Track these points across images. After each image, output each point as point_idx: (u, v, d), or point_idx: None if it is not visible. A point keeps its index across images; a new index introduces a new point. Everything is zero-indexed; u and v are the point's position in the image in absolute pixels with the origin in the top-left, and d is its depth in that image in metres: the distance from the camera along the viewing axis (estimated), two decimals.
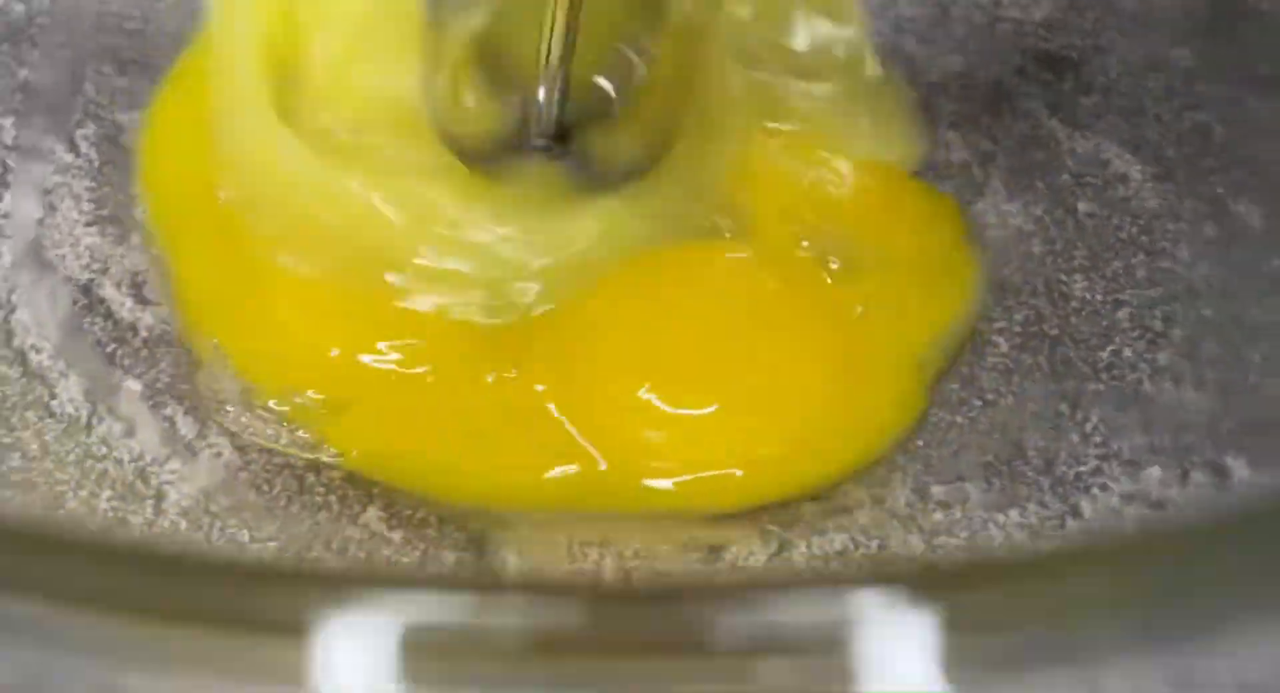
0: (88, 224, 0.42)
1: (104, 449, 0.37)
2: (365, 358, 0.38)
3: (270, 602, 0.18)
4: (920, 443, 0.39)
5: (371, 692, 0.17)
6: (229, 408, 0.38)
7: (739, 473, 0.38)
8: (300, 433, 0.37)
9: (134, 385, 0.39)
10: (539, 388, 0.38)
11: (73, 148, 0.44)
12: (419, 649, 0.17)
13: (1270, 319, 0.41)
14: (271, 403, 0.38)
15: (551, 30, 0.36)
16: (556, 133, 0.40)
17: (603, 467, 0.37)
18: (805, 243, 0.41)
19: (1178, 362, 0.40)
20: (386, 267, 0.39)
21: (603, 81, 0.41)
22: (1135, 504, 0.36)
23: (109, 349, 0.39)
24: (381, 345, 0.38)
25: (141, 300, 0.41)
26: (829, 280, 0.41)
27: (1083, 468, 0.38)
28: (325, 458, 0.37)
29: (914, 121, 0.45)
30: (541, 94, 0.39)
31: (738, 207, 0.41)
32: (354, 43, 0.41)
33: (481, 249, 0.39)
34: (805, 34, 0.44)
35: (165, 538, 0.34)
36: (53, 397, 0.38)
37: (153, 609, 0.18)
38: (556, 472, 0.37)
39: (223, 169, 0.40)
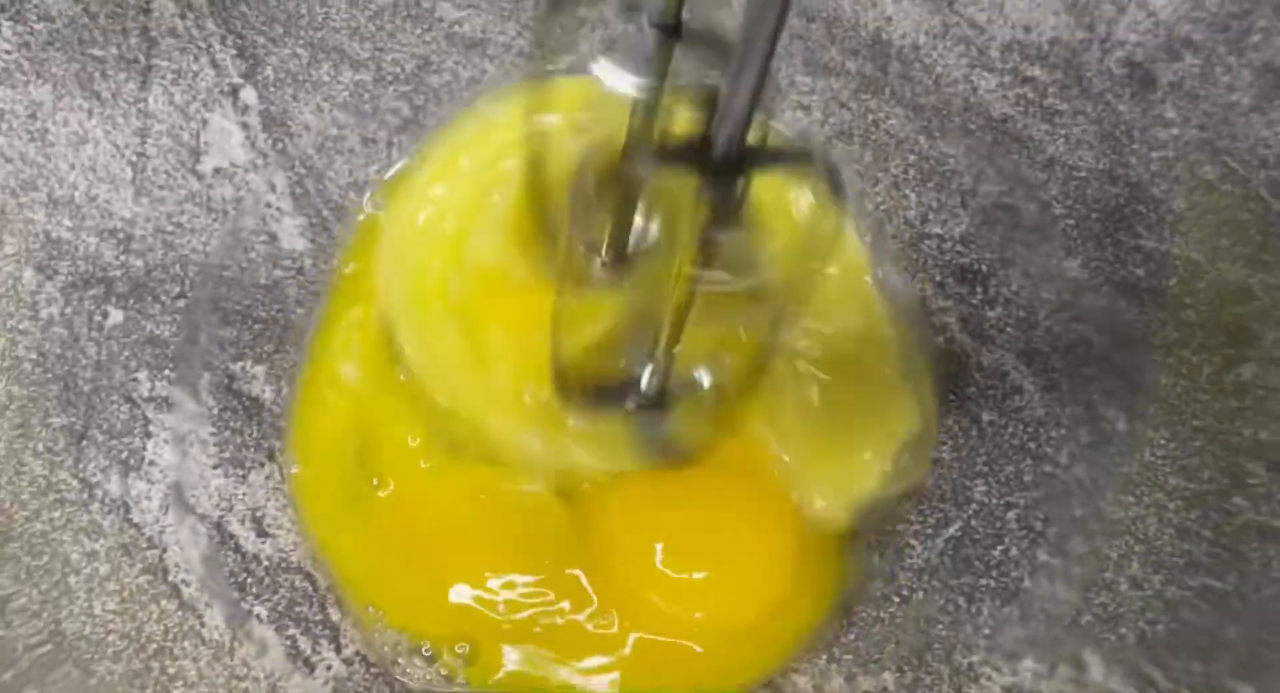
0: (214, 467, 0.49)
1: (244, 670, 0.45)
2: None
3: None
4: (852, 636, 0.46)
5: None
6: (394, 658, 0.46)
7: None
8: (441, 670, 0.46)
9: (261, 610, 0.46)
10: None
11: (195, 396, 0.50)
12: None
13: (1124, 516, 0.47)
14: (424, 649, 0.46)
15: (667, 324, 0.41)
16: (654, 401, 0.46)
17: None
18: None
19: (1051, 559, 0.47)
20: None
21: (703, 377, 0.47)
22: None
23: (240, 578, 0.47)
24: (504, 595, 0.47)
25: (262, 533, 0.48)
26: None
27: (974, 658, 0.45)
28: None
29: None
30: (649, 369, 0.44)
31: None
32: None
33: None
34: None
35: None
36: (202, 625, 0.46)
37: None
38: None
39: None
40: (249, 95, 0.54)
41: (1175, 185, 0.51)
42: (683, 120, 0.35)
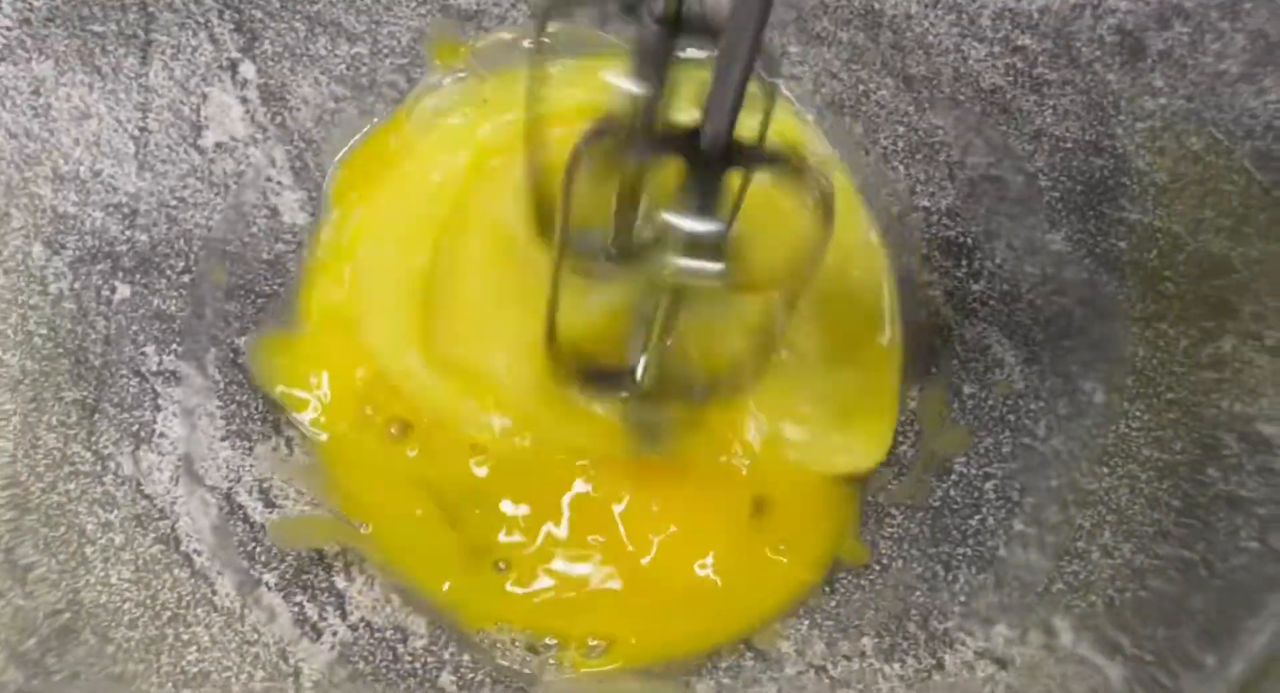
0: (221, 439, 0.51)
1: (255, 635, 0.47)
2: None
3: None
4: (833, 603, 0.48)
5: None
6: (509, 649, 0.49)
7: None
8: (551, 662, 0.48)
9: (270, 578, 0.48)
10: None
11: (202, 370, 0.52)
12: None
13: (1098, 486, 0.48)
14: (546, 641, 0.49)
15: (658, 316, 0.42)
16: (648, 393, 0.47)
17: None
18: None
19: (1026, 529, 0.48)
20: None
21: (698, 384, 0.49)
22: (985, 660, 0.46)
23: (249, 548, 0.49)
24: None
25: (269, 504, 0.50)
26: None
27: (949, 624, 0.47)
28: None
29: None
30: (643, 361, 0.46)
31: None
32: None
33: None
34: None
35: None
36: (214, 593, 0.48)
37: None
38: None
39: None
40: (247, 69, 0.55)
41: (1160, 157, 0.52)
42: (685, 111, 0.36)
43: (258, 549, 0.48)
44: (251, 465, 0.49)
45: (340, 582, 0.48)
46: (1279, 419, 0.45)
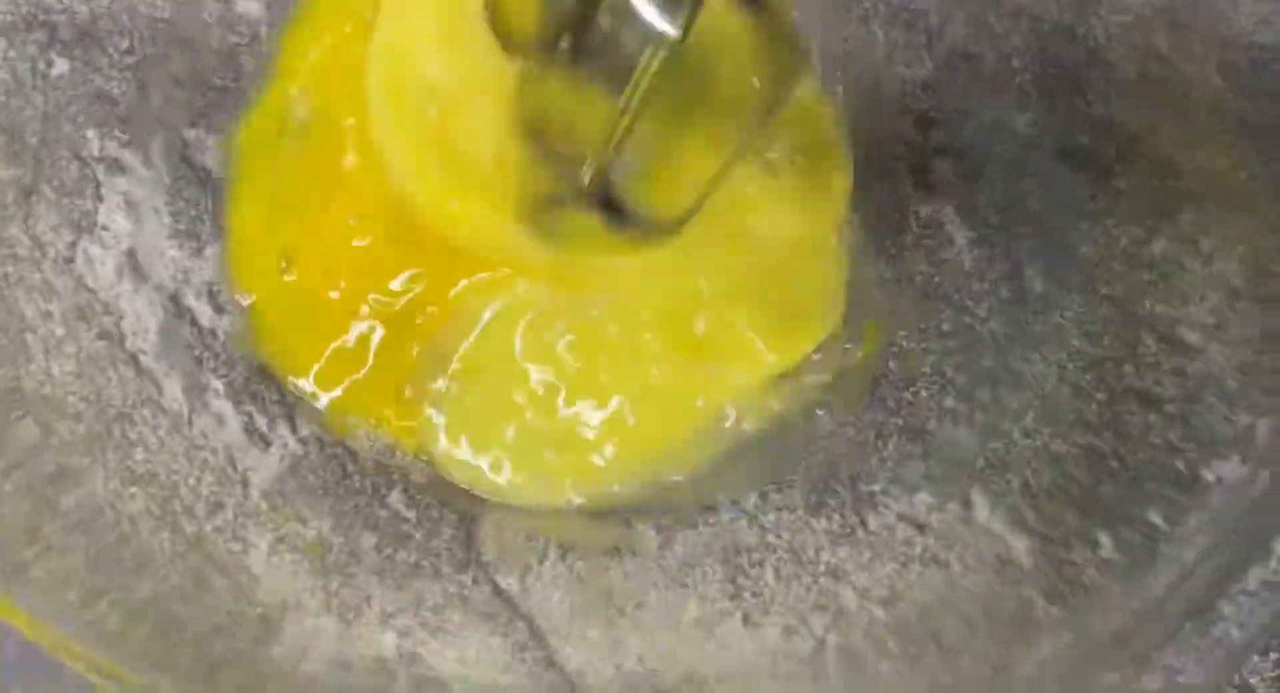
0: (169, 237, 0.49)
1: (203, 440, 0.47)
2: None
3: None
4: (770, 457, 0.51)
5: None
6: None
7: None
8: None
9: (218, 385, 0.48)
10: None
11: (147, 162, 0.49)
12: None
13: (1028, 371, 0.51)
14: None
15: (625, 110, 0.39)
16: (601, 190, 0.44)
17: None
18: None
19: (957, 405, 0.51)
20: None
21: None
22: (904, 523, 0.49)
23: (196, 352, 0.48)
24: None
25: (218, 308, 0.49)
26: None
27: (875, 487, 0.50)
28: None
29: None
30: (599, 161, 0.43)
31: None
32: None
33: None
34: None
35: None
36: (161, 394, 0.47)
37: None
38: None
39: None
40: None
41: (1130, 52, 0.52)
42: None
43: (205, 355, 0.48)
44: (200, 268, 0.48)
45: (290, 396, 0.48)
46: (1201, 325, 0.48)
